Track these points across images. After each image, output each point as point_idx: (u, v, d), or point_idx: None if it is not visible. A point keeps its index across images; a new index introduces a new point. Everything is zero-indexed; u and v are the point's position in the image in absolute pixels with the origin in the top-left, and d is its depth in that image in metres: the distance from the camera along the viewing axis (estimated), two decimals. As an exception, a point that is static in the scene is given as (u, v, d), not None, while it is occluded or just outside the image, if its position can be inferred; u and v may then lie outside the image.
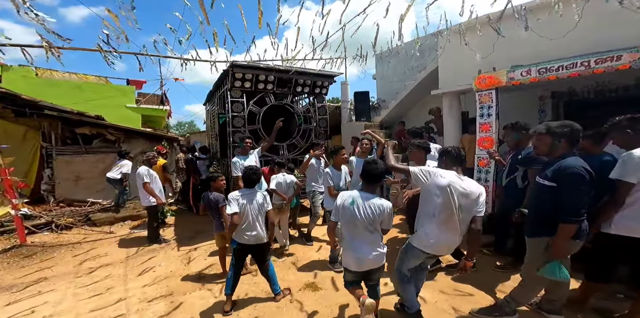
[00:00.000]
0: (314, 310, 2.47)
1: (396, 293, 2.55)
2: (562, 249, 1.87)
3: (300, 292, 2.79)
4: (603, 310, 2.25)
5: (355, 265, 1.99)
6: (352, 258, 1.99)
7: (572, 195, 1.79)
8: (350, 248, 1.99)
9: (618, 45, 3.00)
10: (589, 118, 2.30)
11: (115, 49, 3.52)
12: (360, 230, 1.95)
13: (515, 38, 3.71)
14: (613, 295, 2.40)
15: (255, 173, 2.60)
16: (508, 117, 4.08)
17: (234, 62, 4.76)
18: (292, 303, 2.60)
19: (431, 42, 5.88)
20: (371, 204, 1.94)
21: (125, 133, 6.98)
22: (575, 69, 3.36)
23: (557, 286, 2.11)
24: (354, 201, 1.94)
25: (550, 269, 1.89)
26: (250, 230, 2.51)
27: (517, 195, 2.88)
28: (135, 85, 12.11)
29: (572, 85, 4.74)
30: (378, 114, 7.53)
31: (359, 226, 1.94)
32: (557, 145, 1.91)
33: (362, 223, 1.93)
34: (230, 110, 5.08)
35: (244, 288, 2.87)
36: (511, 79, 3.89)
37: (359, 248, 1.96)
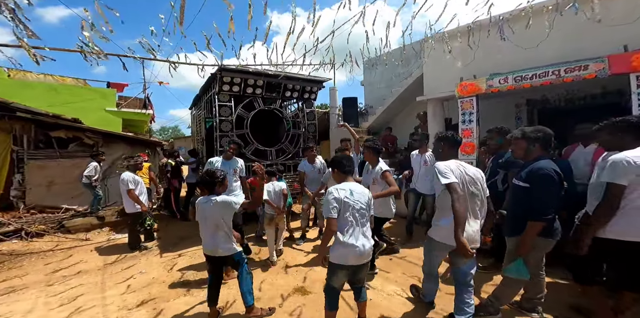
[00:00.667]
0: (304, 314, 2.43)
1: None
2: (527, 246, 1.96)
3: (290, 296, 2.73)
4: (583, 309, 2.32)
5: (355, 258, 1.95)
6: (352, 251, 1.93)
7: (541, 195, 1.91)
8: (349, 241, 1.92)
9: (585, 56, 3.27)
10: (560, 125, 2.47)
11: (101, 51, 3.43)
12: (358, 221, 1.97)
13: (493, 47, 3.97)
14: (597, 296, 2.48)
15: (211, 176, 2.34)
16: (487, 123, 4.30)
17: (223, 65, 4.75)
18: (282, 307, 2.55)
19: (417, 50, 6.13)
20: (360, 193, 2.01)
21: (104, 137, 6.71)
22: (547, 78, 3.62)
23: (534, 285, 2.18)
24: (351, 192, 1.98)
25: (514, 268, 1.98)
26: (206, 241, 2.33)
27: (498, 198, 2.94)
28: (117, 88, 11.73)
29: (546, 93, 5.08)
30: (366, 120, 7.69)
31: (357, 216, 1.97)
32: (531, 149, 2.05)
33: (359, 212, 1.97)
34: (218, 115, 5.02)
35: (232, 293, 2.78)
36: (490, 86, 4.13)
37: (358, 240, 1.94)
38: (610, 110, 4.40)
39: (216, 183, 2.35)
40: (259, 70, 5.07)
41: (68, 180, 5.96)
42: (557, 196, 1.95)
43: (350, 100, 7.33)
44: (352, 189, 1.99)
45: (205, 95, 6.09)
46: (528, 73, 3.74)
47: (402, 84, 6.75)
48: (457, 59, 4.16)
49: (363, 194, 2.02)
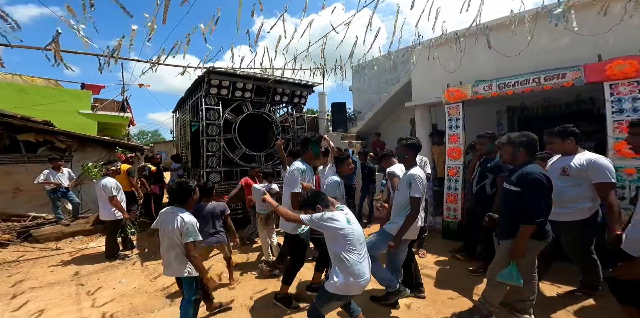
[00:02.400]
0: None
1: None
2: (520, 249, 1.97)
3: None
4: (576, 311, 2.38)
5: (360, 288, 1.78)
6: (359, 283, 1.74)
7: (532, 198, 1.95)
8: (357, 272, 1.73)
9: (564, 64, 3.49)
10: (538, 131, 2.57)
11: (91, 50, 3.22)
12: (361, 248, 1.81)
13: (479, 55, 4.16)
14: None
15: (180, 186, 2.06)
16: (471, 129, 4.45)
17: (211, 68, 4.64)
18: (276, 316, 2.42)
19: (405, 56, 6.31)
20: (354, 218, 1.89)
21: (78, 141, 6.30)
22: (529, 85, 3.83)
23: (526, 287, 2.18)
24: (348, 220, 1.81)
25: (507, 273, 2.00)
26: (163, 257, 2.09)
27: (487, 202, 3.03)
28: (92, 90, 11.19)
29: (525, 100, 5.37)
30: (354, 125, 7.77)
31: (362, 243, 1.82)
32: (517, 153, 2.11)
33: (360, 239, 1.82)
34: (205, 118, 4.87)
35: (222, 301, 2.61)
36: (475, 92, 4.30)
37: (365, 269, 1.79)
38: (583, 117, 4.76)
39: (182, 197, 2.06)
40: (249, 74, 5.00)
41: (37, 187, 5.50)
42: (546, 199, 2.00)
43: (339, 105, 7.40)
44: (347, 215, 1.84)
45: (191, 98, 5.92)
46: (511, 80, 3.93)
47: (390, 89, 6.89)
48: (444, 65, 4.31)
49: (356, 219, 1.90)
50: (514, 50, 3.85)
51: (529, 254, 2.05)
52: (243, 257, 3.83)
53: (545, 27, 3.25)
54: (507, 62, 4.07)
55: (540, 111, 5.37)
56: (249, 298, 2.74)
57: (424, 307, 2.50)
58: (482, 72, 4.36)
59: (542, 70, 3.65)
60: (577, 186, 2.32)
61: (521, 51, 3.71)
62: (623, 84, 3.10)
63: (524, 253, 1.98)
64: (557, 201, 2.20)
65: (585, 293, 2.53)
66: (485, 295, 2.24)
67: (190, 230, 1.95)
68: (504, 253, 2.11)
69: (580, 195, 2.32)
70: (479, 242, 3.33)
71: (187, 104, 6.27)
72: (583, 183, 2.30)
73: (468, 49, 3.85)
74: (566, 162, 2.38)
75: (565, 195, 2.33)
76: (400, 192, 2.41)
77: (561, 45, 3.72)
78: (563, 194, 2.32)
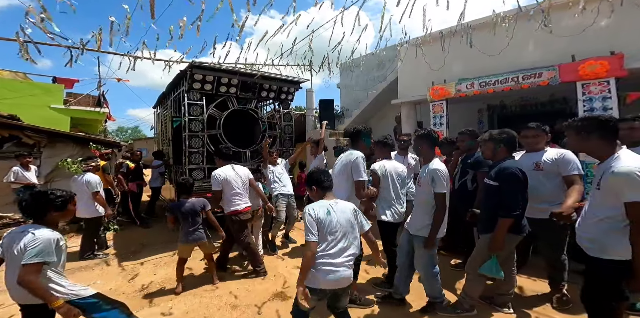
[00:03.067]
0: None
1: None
2: (498, 242, 2.02)
3: (269, 302, 2.58)
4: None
5: (331, 282, 1.69)
6: (326, 275, 1.68)
7: (509, 192, 2.02)
8: (322, 264, 1.68)
9: (540, 64, 3.65)
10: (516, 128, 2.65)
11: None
12: (338, 241, 1.74)
13: (462, 53, 4.27)
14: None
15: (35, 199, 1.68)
16: (453, 127, 4.58)
17: (194, 62, 4.49)
18: (261, 314, 2.39)
19: (391, 54, 6.35)
20: (341, 210, 1.79)
21: (48, 136, 5.90)
22: (508, 84, 3.98)
23: (505, 281, 2.24)
24: (328, 211, 1.75)
25: (488, 266, 2.06)
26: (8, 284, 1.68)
27: (468, 197, 3.06)
28: (65, 84, 10.53)
29: (504, 99, 5.58)
30: (342, 122, 7.79)
31: (339, 237, 1.74)
32: (497, 149, 2.18)
33: (341, 232, 1.74)
34: (187, 114, 4.72)
35: (205, 301, 2.59)
36: (459, 90, 4.43)
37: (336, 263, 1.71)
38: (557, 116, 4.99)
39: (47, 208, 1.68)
40: (234, 69, 4.88)
41: (2, 185, 5.12)
42: (522, 193, 2.06)
43: (327, 102, 7.37)
44: (331, 207, 1.77)
45: (172, 93, 5.71)
46: (491, 79, 4.07)
47: (377, 87, 6.95)
48: (429, 64, 4.39)
49: (344, 211, 1.78)
50: (495, 49, 3.98)
51: (506, 247, 2.10)
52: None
53: (524, 28, 3.39)
54: (488, 61, 4.20)
55: (518, 110, 5.60)
56: (233, 297, 2.68)
57: (410, 301, 2.51)
58: (465, 71, 4.49)
59: (521, 70, 3.81)
60: (552, 180, 2.36)
61: (501, 50, 3.84)
62: (594, 83, 3.28)
63: (502, 246, 2.03)
64: (533, 198, 2.19)
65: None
66: (466, 290, 2.29)
67: (36, 250, 1.53)
68: (483, 247, 2.15)
69: (554, 189, 2.34)
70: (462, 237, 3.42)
71: (168, 99, 6.04)
72: (556, 178, 2.34)
73: (452, 48, 3.95)
74: (537, 158, 2.41)
75: (541, 191, 2.32)
76: (423, 188, 2.27)
77: (538, 45, 3.88)
78: (539, 190, 2.31)
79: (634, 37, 3.19)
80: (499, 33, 3.33)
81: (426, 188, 2.23)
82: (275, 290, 2.78)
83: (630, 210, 1.43)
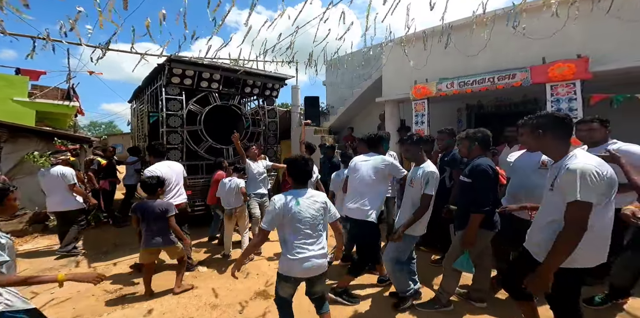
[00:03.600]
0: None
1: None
2: (470, 238, 2.07)
3: (251, 301, 2.54)
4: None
5: (302, 271, 1.76)
6: (297, 264, 1.74)
7: (480, 188, 2.07)
8: (296, 255, 1.73)
9: (514, 65, 3.82)
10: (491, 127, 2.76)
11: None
12: (304, 232, 1.77)
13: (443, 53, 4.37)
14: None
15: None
16: (434, 125, 4.71)
17: (173, 56, 4.32)
18: (242, 313, 2.35)
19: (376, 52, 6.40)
20: (310, 201, 1.81)
21: (9, 130, 5.47)
22: (484, 84, 4.14)
23: (480, 276, 2.33)
24: (298, 201, 1.77)
25: (459, 262, 2.12)
26: None
27: (446, 194, 3.10)
28: (30, 76, 9.80)
29: (481, 99, 5.81)
30: (327, 120, 7.81)
31: (304, 228, 1.76)
32: (472, 147, 2.26)
33: (308, 222, 1.77)
34: (165, 109, 4.54)
35: (183, 302, 2.51)
36: (439, 90, 4.56)
37: (304, 252, 1.75)
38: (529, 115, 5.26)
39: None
40: (216, 64, 4.74)
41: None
42: (493, 190, 2.14)
43: (312, 99, 7.34)
44: (300, 197, 1.78)
45: (149, 87, 5.46)
46: (470, 79, 4.22)
47: (362, 85, 7.00)
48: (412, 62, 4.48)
49: (314, 202, 1.80)
50: (474, 50, 4.13)
51: (479, 243, 2.14)
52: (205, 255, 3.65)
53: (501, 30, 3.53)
54: (467, 61, 4.35)
55: (494, 110, 5.86)
56: (213, 296, 2.62)
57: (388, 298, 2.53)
58: (446, 70, 4.62)
59: (496, 71, 3.97)
60: None
61: (479, 51, 3.99)
62: (562, 85, 3.49)
63: (473, 242, 2.09)
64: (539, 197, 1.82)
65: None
66: (442, 285, 2.35)
67: None
68: (457, 242, 2.22)
69: None
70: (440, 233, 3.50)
71: (145, 93, 5.77)
72: None
73: (434, 48, 4.03)
74: (541, 156, 2.26)
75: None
76: (415, 188, 2.30)
77: (513, 47, 4.06)
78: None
79: (599, 42, 3.42)
80: (478, 34, 3.45)
81: (418, 188, 2.27)
82: (257, 288, 2.74)
83: (570, 209, 1.35)
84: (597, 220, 1.37)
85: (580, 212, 1.33)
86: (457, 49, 3.84)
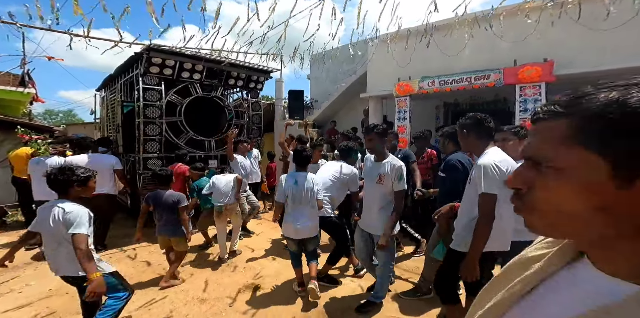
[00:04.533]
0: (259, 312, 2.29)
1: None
2: (443, 228, 2.08)
3: (240, 294, 2.54)
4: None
5: (294, 232, 2.41)
6: (290, 228, 2.42)
7: (450, 181, 2.20)
8: (291, 220, 2.40)
9: (489, 66, 4.10)
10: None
11: None
12: (301, 204, 2.39)
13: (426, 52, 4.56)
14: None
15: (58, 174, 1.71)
16: (414, 121, 4.92)
17: (152, 44, 4.09)
18: (232, 306, 2.35)
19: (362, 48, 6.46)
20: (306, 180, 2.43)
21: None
22: (463, 83, 4.40)
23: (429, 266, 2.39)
24: (296, 181, 2.41)
25: (436, 251, 2.17)
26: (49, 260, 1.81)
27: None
28: (-23, 59, 8.71)
29: (457, 97, 6.15)
30: (311, 113, 7.82)
31: (302, 200, 2.39)
32: (446, 144, 2.49)
33: (303, 197, 2.38)
34: (143, 99, 4.30)
35: (170, 296, 2.46)
36: (421, 88, 4.76)
37: (294, 219, 2.40)
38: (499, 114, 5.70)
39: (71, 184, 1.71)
40: (198, 54, 4.55)
41: None
42: (462, 182, 2.07)
43: (297, 93, 7.28)
44: (300, 177, 2.44)
45: (123, 76, 5.12)
46: (449, 78, 4.46)
47: (346, 80, 7.07)
48: (396, 60, 4.62)
49: (308, 181, 2.43)
50: (454, 50, 4.36)
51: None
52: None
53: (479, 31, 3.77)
54: (448, 61, 4.58)
55: (468, 107, 6.24)
56: (201, 291, 2.59)
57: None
58: (428, 69, 4.83)
59: (473, 71, 4.24)
60: None
61: (459, 52, 4.23)
62: (529, 86, 3.81)
63: (447, 231, 2.08)
64: None
65: None
66: (424, 274, 2.45)
67: (73, 220, 1.61)
68: (435, 233, 2.34)
69: None
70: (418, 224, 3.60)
71: (117, 82, 5.40)
72: None
73: (418, 46, 4.19)
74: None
75: None
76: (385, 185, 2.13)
77: (489, 49, 4.31)
78: None
79: (564, 47, 3.76)
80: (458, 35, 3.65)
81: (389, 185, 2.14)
82: (245, 281, 2.74)
83: (479, 200, 1.49)
84: (505, 210, 1.50)
85: (486, 203, 1.48)
86: (439, 48, 4.04)
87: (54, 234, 1.65)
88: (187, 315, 2.20)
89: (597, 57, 3.53)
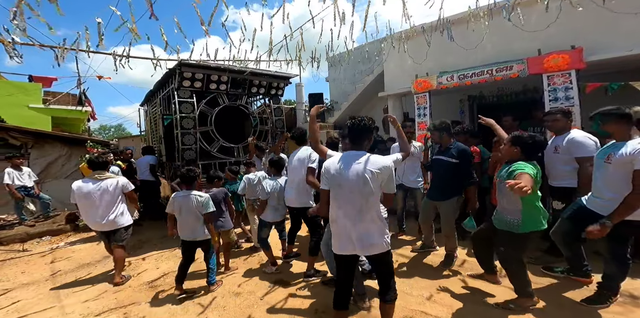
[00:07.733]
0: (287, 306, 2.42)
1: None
2: (473, 203, 2.76)
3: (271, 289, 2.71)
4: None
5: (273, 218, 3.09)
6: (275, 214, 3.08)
7: (468, 166, 2.76)
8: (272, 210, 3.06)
9: (511, 57, 3.92)
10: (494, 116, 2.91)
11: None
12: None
13: (443, 47, 4.48)
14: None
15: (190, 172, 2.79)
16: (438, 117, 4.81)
17: (183, 60, 4.54)
18: (263, 300, 2.52)
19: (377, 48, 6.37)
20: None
21: (34, 137, 5.83)
22: (483, 76, 4.25)
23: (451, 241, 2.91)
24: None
25: (470, 223, 2.66)
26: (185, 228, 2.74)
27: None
28: (42, 83, 10.18)
29: (482, 90, 5.89)
30: (332, 115, 7.97)
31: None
32: (442, 136, 2.82)
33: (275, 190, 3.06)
34: (179, 111, 4.79)
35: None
36: (440, 83, 4.68)
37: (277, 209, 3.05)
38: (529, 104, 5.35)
39: (196, 179, 2.74)
40: (223, 66, 4.95)
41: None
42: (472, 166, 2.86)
43: (317, 96, 7.51)
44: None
45: (161, 91, 5.72)
46: (469, 72, 4.33)
47: (364, 80, 7.11)
48: (412, 57, 4.58)
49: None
50: (472, 43, 4.23)
51: (456, 209, 2.85)
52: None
53: (497, 23, 3.64)
54: (466, 54, 4.45)
55: (495, 99, 5.94)
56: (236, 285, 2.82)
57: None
58: (446, 64, 4.73)
59: (494, 63, 4.07)
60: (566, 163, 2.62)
61: (477, 45, 4.10)
62: (557, 75, 3.59)
63: (476, 205, 2.77)
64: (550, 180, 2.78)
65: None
66: (449, 246, 2.93)
67: (206, 204, 2.69)
68: (449, 209, 2.81)
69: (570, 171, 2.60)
70: None
71: (157, 97, 6.04)
72: (571, 160, 2.58)
73: (433, 42, 4.14)
74: (558, 141, 2.70)
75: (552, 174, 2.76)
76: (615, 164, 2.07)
77: (510, 39, 4.13)
78: (551, 173, 2.77)
79: (592, 32, 3.50)
80: (476, 28, 3.56)
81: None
82: (276, 277, 2.90)
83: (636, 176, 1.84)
84: None
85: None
86: (456, 42, 3.95)
87: (194, 212, 2.65)
88: (224, 306, 2.43)
89: (625, 42, 3.27)
